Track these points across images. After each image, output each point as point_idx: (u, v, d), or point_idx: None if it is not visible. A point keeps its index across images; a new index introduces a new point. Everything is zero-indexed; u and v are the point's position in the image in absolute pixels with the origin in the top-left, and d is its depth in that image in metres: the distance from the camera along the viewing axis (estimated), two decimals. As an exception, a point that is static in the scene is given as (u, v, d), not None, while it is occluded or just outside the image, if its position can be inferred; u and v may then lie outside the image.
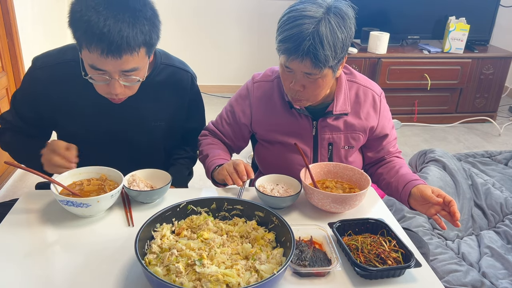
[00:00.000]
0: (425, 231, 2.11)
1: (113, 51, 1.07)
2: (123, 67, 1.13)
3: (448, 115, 3.90)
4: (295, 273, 1.00)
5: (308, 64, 1.18)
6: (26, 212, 1.19)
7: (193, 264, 0.92)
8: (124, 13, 1.07)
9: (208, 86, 4.28)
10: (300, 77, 1.23)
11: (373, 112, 1.42)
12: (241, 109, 1.45)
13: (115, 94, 1.18)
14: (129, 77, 1.17)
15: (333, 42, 1.16)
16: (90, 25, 1.05)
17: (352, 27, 1.21)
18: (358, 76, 1.43)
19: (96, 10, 1.05)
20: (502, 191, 2.43)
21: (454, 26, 3.62)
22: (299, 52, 1.16)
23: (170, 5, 4.03)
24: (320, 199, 1.20)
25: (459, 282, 1.83)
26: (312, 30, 1.15)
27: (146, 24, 1.11)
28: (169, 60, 1.42)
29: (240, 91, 1.48)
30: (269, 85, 1.42)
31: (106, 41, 1.06)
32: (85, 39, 1.08)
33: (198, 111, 1.55)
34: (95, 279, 0.97)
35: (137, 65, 1.15)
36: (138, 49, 1.11)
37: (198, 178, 2.76)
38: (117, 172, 1.24)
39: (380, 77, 3.54)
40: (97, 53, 1.08)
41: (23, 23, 2.74)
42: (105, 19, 1.05)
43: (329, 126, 1.39)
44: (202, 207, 1.13)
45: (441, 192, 1.20)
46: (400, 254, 1.03)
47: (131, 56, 1.11)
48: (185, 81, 1.44)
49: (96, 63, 1.11)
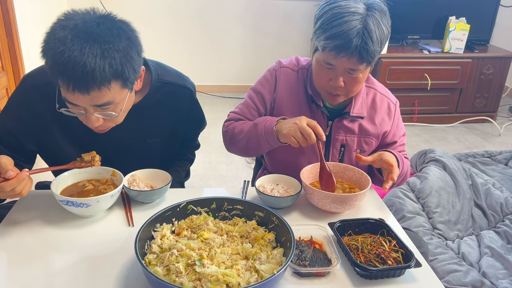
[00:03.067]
0: (425, 231, 2.11)
1: (79, 87, 1.00)
2: (94, 102, 1.05)
3: (448, 115, 3.90)
4: (295, 273, 1.00)
5: (355, 60, 1.19)
6: (26, 212, 1.18)
7: (193, 264, 0.92)
8: (92, 45, 0.98)
9: (208, 86, 4.28)
10: (341, 73, 1.24)
11: (388, 119, 1.42)
12: (268, 90, 1.41)
13: (93, 127, 1.13)
14: (105, 111, 1.09)
15: (380, 37, 1.19)
16: (55, 58, 0.99)
17: (390, 21, 1.24)
18: (376, 83, 1.45)
19: (63, 42, 0.98)
20: (502, 191, 2.43)
21: (454, 26, 3.62)
22: (350, 49, 1.17)
23: (171, 6, 4.04)
24: (320, 199, 1.20)
25: (459, 282, 1.83)
26: (361, 26, 1.16)
27: (117, 56, 1.01)
28: (166, 76, 1.34)
29: (264, 75, 1.45)
30: (294, 74, 1.41)
31: (71, 77, 0.99)
32: (52, 73, 1.02)
33: (197, 121, 1.51)
34: (95, 279, 0.97)
35: (111, 99, 1.07)
36: (108, 84, 1.02)
37: (198, 178, 2.77)
38: (117, 172, 1.24)
39: (380, 77, 3.54)
40: (64, 87, 1.01)
41: (23, 23, 2.74)
42: (70, 53, 0.97)
43: (343, 128, 1.39)
44: (202, 207, 1.13)
45: (384, 158, 1.24)
46: (400, 254, 1.03)
47: (99, 92, 1.02)
48: (184, 98, 1.38)
49: (67, 96, 1.05)
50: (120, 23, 1.07)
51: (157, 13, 4.03)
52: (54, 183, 1.17)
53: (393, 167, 1.23)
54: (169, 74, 1.36)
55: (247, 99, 1.45)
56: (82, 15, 1.04)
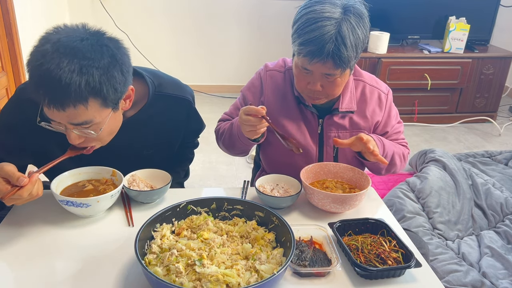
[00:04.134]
0: (425, 231, 2.11)
1: (54, 102, 0.97)
2: (71, 120, 1.02)
3: (448, 115, 3.90)
4: (295, 273, 1.00)
5: (330, 65, 1.18)
6: (26, 212, 1.18)
7: (193, 264, 0.92)
8: (71, 60, 0.95)
9: (208, 86, 4.28)
10: (319, 78, 1.23)
11: (379, 110, 1.41)
12: (254, 97, 1.43)
13: (76, 144, 1.09)
14: (84, 130, 1.05)
15: (355, 42, 1.17)
16: (34, 71, 0.97)
17: (368, 25, 1.22)
18: (364, 75, 1.43)
19: (43, 55, 0.96)
20: (502, 191, 2.43)
21: (454, 26, 3.62)
22: (323, 55, 1.16)
23: (170, 5, 4.04)
24: (320, 199, 1.20)
25: (459, 282, 1.83)
26: (334, 31, 1.15)
27: (96, 74, 0.98)
28: (164, 88, 1.30)
29: (252, 79, 1.46)
30: (281, 76, 1.41)
31: (46, 91, 0.96)
32: (31, 85, 0.99)
33: (195, 129, 1.49)
34: (95, 279, 0.97)
35: (89, 118, 1.03)
36: (84, 102, 0.99)
37: (198, 178, 2.77)
38: (117, 172, 1.24)
39: (380, 77, 3.54)
40: (42, 102, 0.99)
41: (23, 23, 2.75)
42: (48, 66, 0.94)
43: (334, 125, 1.39)
44: (202, 207, 1.13)
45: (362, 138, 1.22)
46: (400, 254, 1.03)
47: (75, 109, 0.99)
48: (182, 110, 1.36)
49: (46, 111, 1.02)
50: (107, 41, 1.03)
51: (156, 13, 4.03)
52: (54, 183, 1.17)
53: (363, 139, 1.21)
54: (167, 84, 1.33)
55: (236, 101, 1.49)
56: (68, 30, 1.02)
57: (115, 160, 1.27)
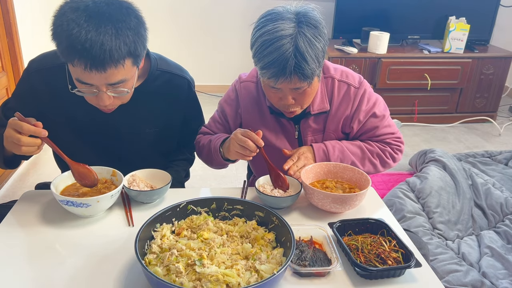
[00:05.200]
0: (425, 231, 2.11)
1: (97, 65, 1.04)
2: (109, 80, 1.10)
3: (448, 115, 3.90)
4: (295, 273, 1.00)
5: (296, 80, 1.18)
6: (26, 212, 1.19)
7: (193, 264, 0.92)
8: (106, 25, 1.03)
9: (208, 86, 4.27)
10: (289, 92, 1.24)
11: (345, 104, 1.37)
12: (231, 109, 1.45)
13: (104, 106, 1.16)
14: (117, 89, 1.14)
15: (315, 54, 1.16)
16: (71, 39, 1.02)
17: (325, 31, 1.20)
18: (332, 70, 1.39)
19: (77, 23, 1.01)
20: (502, 191, 2.43)
21: (454, 26, 3.62)
22: (286, 74, 1.15)
23: (171, 5, 4.04)
24: (320, 199, 1.20)
25: (459, 282, 1.83)
26: (292, 48, 1.13)
27: (130, 34, 1.07)
28: (165, 66, 1.38)
29: (228, 91, 1.47)
30: (254, 86, 1.42)
31: (88, 56, 1.02)
32: (67, 54, 1.05)
33: (195, 116, 1.53)
34: (95, 279, 0.97)
35: (124, 76, 1.12)
36: (123, 61, 1.08)
37: (198, 178, 2.76)
38: (117, 172, 1.24)
39: (380, 77, 3.54)
40: (80, 67, 1.05)
41: (23, 23, 2.74)
42: (86, 33, 1.01)
43: (310, 128, 1.39)
44: (202, 207, 1.13)
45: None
46: (400, 254, 1.03)
47: (116, 69, 1.08)
48: (182, 88, 1.41)
49: (81, 77, 1.09)
50: (126, 3, 1.11)
51: (157, 12, 4.03)
52: (54, 183, 1.17)
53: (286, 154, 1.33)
54: (169, 64, 1.40)
55: (215, 113, 1.50)
56: None
57: (116, 137, 1.35)
